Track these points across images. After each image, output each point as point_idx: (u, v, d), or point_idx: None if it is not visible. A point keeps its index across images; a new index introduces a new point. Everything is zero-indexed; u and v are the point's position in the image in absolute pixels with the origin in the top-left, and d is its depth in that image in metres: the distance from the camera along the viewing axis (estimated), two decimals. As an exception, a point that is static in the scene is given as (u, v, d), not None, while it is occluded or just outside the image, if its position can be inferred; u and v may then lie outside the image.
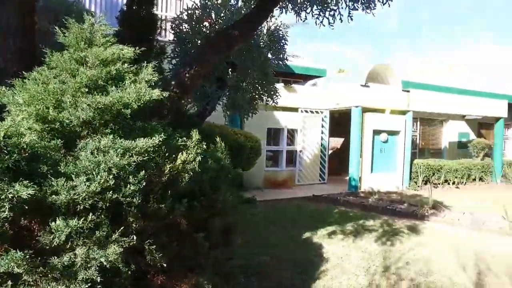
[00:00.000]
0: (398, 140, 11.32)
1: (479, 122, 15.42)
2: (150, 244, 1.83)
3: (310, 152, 11.57)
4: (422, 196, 10.15)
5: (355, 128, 10.41)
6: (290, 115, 11.22)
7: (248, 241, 5.28)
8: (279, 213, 7.50)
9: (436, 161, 12.25)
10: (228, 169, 2.79)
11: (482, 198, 10.35)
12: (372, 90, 10.64)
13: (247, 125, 10.54)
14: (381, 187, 10.81)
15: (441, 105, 12.18)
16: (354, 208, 8.21)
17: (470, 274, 4.44)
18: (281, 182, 11.02)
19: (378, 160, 10.93)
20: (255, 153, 8.87)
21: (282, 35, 5.55)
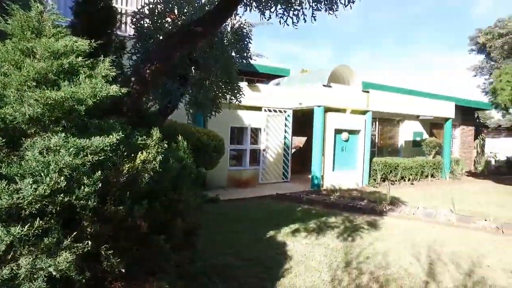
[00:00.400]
0: (359, 139, 11.72)
1: (431, 122, 16.37)
2: (107, 249, 1.72)
3: (273, 151, 11.67)
4: (381, 193, 10.60)
5: (318, 127, 10.64)
6: (253, 114, 11.24)
7: (211, 241, 5.21)
8: (243, 212, 7.48)
9: (393, 159, 12.84)
10: (190, 169, 2.72)
11: (433, 193, 11.01)
12: (334, 90, 10.93)
13: (211, 124, 10.41)
14: (342, 185, 11.14)
15: (398, 106, 12.78)
16: (316, 206, 8.38)
17: (423, 264, 4.68)
18: (245, 181, 11.01)
19: (340, 159, 11.25)
20: (218, 152, 8.78)
21: (246, 33, 5.51)
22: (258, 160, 11.56)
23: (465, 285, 4.14)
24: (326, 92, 10.72)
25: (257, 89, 11.30)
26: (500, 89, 12.27)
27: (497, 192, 11.90)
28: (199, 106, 5.87)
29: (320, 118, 10.63)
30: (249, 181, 11.13)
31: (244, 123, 11.04)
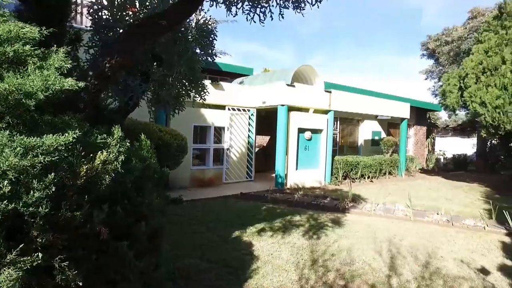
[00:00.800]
0: (321, 138, 11.95)
1: (388, 122, 17.13)
2: (61, 261, 1.54)
3: (237, 150, 11.58)
4: (343, 190, 10.89)
5: (281, 126, 10.70)
6: (217, 113, 11.08)
7: (176, 243, 5.02)
8: (207, 212, 7.32)
9: (354, 157, 13.25)
10: (154, 169, 2.56)
11: (391, 189, 11.51)
12: (297, 89, 11.05)
13: (173, 123, 10.11)
14: (305, 183, 11.31)
15: (358, 106, 13.21)
16: (281, 205, 8.41)
17: (385, 258, 4.83)
18: (208, 181, 10.83)
19: (303, 158, 11.41)
20: (181, 152, 8.54)
21: (211, 29, 5.37)
22: (221, 159, 11.42)
23: (423, 276, 4.32)
24: (290, 91, 10.82)
25: (220, 88, 11.15)
26: (449, 91, 13.09)
27: (446, 187, 12.69)
28: (162, 103, 5.64)
29: (283, 117, 10.70)
30: (213, 180, 10.97)
31: (207, 121, 10.85)
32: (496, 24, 12.26)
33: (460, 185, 13.41)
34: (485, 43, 12.09)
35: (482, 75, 11.58)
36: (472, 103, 11.57)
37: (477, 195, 11.04)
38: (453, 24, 33.05)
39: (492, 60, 11.34)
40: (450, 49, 27.48)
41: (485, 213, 8.37)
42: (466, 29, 26.53)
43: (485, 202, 9.88)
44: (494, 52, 11.50)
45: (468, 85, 12.00)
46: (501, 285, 4.23)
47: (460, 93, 12.53)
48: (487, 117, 11.06)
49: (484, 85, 11.40)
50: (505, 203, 9.68)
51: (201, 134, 11.34)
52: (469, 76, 12.01)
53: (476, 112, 11.40)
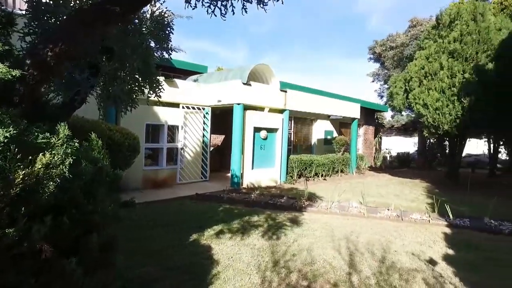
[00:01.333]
0: (277, 138, 12.01)
1: (340, 122, 17.75)
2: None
3: (192, 149, 11.24)
4: (298, 189, 11.03)
5: (237, 125, 10.56)
6: (171, 111, 10.65)
7: (130, 251, 4.66)
8: (162, 215, 6.96)
9: (308, 156, 13.50)
10: (106, 172, 2.27)
11: (344, 187, 11.89)
12: (253, 88, 10.98)
13: (124, 121, 9.54)
14: (261, 182, 11.29)
15: (312, 106, 13.48)
16: (238, 205, 8.27)
17: (344, 256, 4.90)
18: (162, 182, 10.37)
19: (259, 157, 11.37)
20: (133, 152, 8.07)
21: (168, 22, 5.06)
22: (175, 159, 11.00)
23: (381, 271, 4.43)
24: (246, 90, 10.71)
25: (174, 85, 10.72)
26: (396, 93, 13.86)
27: (393, 184, 13.42)
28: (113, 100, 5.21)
29: (239, 116, 10.57)
30: (167, 181, 10.53)
31: (160, 120, 10.38)
32: (435, 33, 13.20)
33: (405, 181, 14.26)
34: (426, 49, 12.96)
35: (424, 79, 12.39)
36: (416, 104, 12.33)
37: (420, 191, 11.79)
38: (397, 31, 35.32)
39: (432, 66, 12.17)
40: (394, 54, 29.28)
41: (428, 207, 8.94)
42: (407, 36, 28.40)
43: (427, 197, 10.58)
44: (434, 59, 12.36)
45: (413, 88, 12.78)
46: (447, 274, 4.47)
47: (405, 95, 13.30)
48: (429, 118, 11.85)
49: (426, 88, 12.21)
50: (444, 197, 10.44)
51: (154, 133, 10.83)
52: (413, 79, 12.79)
53: (420, 113, 12.17)
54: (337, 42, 75.54)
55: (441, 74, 11.80)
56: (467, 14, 12.23)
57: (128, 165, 8.45)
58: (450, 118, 11.39)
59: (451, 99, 11.47)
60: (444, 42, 12.26)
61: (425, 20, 30.51)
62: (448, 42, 12.11)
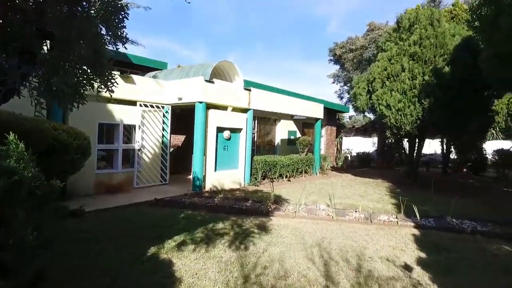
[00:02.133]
0: (240, 138, 11.54)
1: (303, 122, 17.66)
2: None
3: (150, 150, 10.45)
4: (263, 191, 10.64)
5: (199, 125, 9.95)
6: (127, 109, 9.81)
7: (77, 269, 3.96)
8: (116, 225, 6.22)
9: (272, 157, 13.18)
10: (29, 186, 1.67)
11: (309, 188, 11.69)
12: (216, 86, 10.43)
13: (72, 119, 8.60)
14: (225, 185, 10.76)
15: (276, 105, 13.17)
16: (201, 211, 7.70)
17: (319, 266, 4.55)
18: (117, 186, 9.50)
19: (222, 158, 10.83)
20: (82, 153, 7.25)
21: (122, 5, 4.41)
22: (132, 161, 10.15)
23: (359, 282, 4.13)
24: (209, 87, 10.13)
25: (131, 81, 9.89)
26: (359, 94, 13.96)
27: (357, 184, 13.49)
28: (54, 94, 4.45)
29: (201, 115, 9.97)
30: (122, 185, 9.66)
31: (115, 119, 9.50)
32: (395, 35, 13.46)
33: (368, 181, 14.42)
34: (388, 51, 13.16)
35: (387, 80, 12.55)
36: (379, 105, 12.45)
37: (383, 191, 11.90)
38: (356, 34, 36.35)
39: (394, 68, 12.36)
40: (354, 56, 30.01)
41: (394, 207, 8.95)
42: (366, 39, 29.23)
43: (391, 197, 10.66)
44: (396, 60, 12.57)
45: (376, 89, 12.91)
46: (425, 280, 4.28)
47: (369, 96, 13.42)
48: (391, 118, 12.00)
49: (388, 90, 12.37)
50: (406, 196, 10.54)
51: (108, 133, 9.92)
52: (376, 80, 12.92)
53: (383, 114, 12.30)
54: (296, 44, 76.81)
55: (402, 76, 12.00)
56: (424, 19, 12.56)
57: (77, 168, 7.61)
58: (411, 119, 11.59)
59: (412, 100, 11.69)
60: (405, 44, 12.50)
61: (382, 25, 31.70)
62: (409, 45, 12.36)
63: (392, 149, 21.41)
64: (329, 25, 64.56)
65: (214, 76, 11.00)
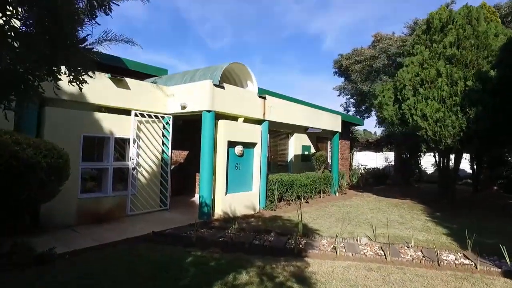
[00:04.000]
0: (254, 154, 9.79)
1: (317, 135, 15.96)
2: None
3: (147, 169, 8.67)
4: (283, 218, 8.85)
5: (207, 138, 8.21)
6: (119, 119, 8.09)
7: None
8: (96, 278, 4.39)
9: (289, 176, 11.42)
10: None
11: (334, 213, 9.89)
12: (227, 92, 8.74)
13: (50, 131, 6.87)
14: (237, 211, 8.96)
15: (293, 116, 11.49)
16: (213, 249, 5.88)
17: None
18: (106, 214, 7.70)
19: (233, 178, 9.06)
20: (58, 175, 5.52)
21: None
22: (125, 182, 8.37)
23: None
24: (219, 94, 8.44)
25: (124, 85, 8.21)
26: (385, 104, 12.33)
27: (385, 206, 11.68)
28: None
29: (209, 126, 8.25)
30: (113, 212, 7.86)
31: (104, 130, 7.78)
32: (425, 38, 11.94)
33: (396, 202, 12.62)
34: (418, 55, 11.60)
35: (420, 87, 10.93)
36: (413, 116, 10.79)
37: (422, 215, 10.11)
38: (361, 45, 35.15)
39: (428, 73, 10.76)
40: (362, 67, 28.61)
41: (451, 240, 7.18)
42: (375, 49, 27.90)
43: (436, 224, 8.88)
44: (429, 65, 10.99)
45: (406, 97, 11.28)
46: None
47: (398, 105, 11.78)
48: (429, 130, 10.31)
49: (423, 98, 10.73)
50: (454, 223, 8.83)
51: (96, 148, 8.18)
52: (406, 88, 11.30)
53: (417, 126, 10.62)
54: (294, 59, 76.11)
55: (439, 82, 10.38)
56: (461, 18, 11.07)
57: (51, 194, 5.83)
58: (453, 131, 9.90)
59: (453, 109, 10.03)
60: (439, 47, 10.95)
61: (388, 36, 30.53)
62: (444, 47, 10.81)
63: (410, 164, 19.67)
64: (326, 40, 64.16)
65: (224, 81, 9.34)
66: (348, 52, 33.55)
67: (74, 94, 7.27)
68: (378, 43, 30.34)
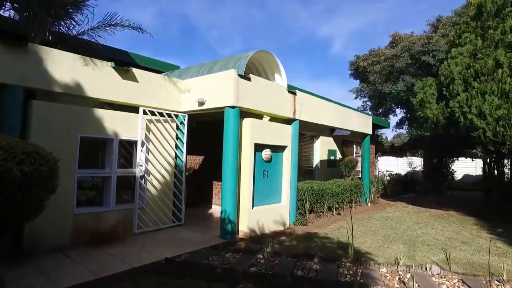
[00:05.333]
0: (284, 160, 8.32)
1: (343, 139, 14.44)
2: None
3: (158, 177, 7.26)
4: (319, 235, 7.37)
5: (230, 140, 6.77)
6: (125, 117, 6.72)
7: None
8: None
9: (317, 184, 9.91)
10: None
11: (378, 229, 8.34)
12: (254, 85, 7.30)
13: (38, 130, 5.52)
14: (265, 227, 7.48)
15: (325, 116, 10.00)
16: (245, 285, 4.42)
17: None
18: (109, 232, 6.30)
19: (261, 188, 7.59)
20: (40, 187, 4.09)
21: None
22: (132, 194, 6.96)
23: None
24: (244, 86, 7.01)
25: (131, 77, 6.85)
26: (427, 102, 10.78)
27: (431, 219, 10.07)
28: None
29: (233, 125, 6.81)
30: (117, 231, 6.44)
31: (107, 131, 6.41)
32: (475, 25, 10.37)
33: (439, 214, 11.00)
34: (468, 45, 10.04)
35: (474, 81, 9.36)
36: (465, 114, 9.21)
37: (480, 231, 8.49)
38: (379, 46, 33.60)
39: (485, 64, 9.19)
40: (382, 68, 27.02)
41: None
42: (397, 48, 26.31)
43: (507, 243, 7.27)
44: (485, 54, 9.42)
45: (455, 93, 9.71)
46: None
47: (444, 103, 10.22)
48: (487, 131, 8.72)
49: (477, 93, 9.16)
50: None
51: (96, 152, 6.83)
52: (455, 82, 9.74)
53: (472, 125, 9.04)
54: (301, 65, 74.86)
55: (499, 74, 8.81)
56: (519, 0, 9.50)
57: (30, 214, 4.45)
58: (520, 131, 8.30)
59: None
60: (496, 33, 9.38)
61: (407, 36, 28.96)
62: (502, 33, 9.24)
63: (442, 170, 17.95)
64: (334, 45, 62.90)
65: (248, 72, 7.91)
66: (365, 53, 32.09)
67: (70, 85, 5.91)
68: (397, 43, 28.80)
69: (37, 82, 5.52)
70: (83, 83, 6.07)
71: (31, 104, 5.49)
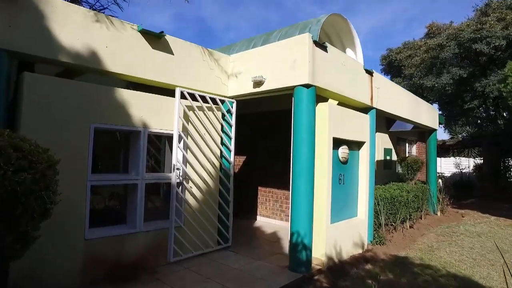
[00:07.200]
0: (360, 160, 6.30)
1: (398, 136, 12.30)
2: None
3: (200, 184, 5.34)
4: (412, 262, 5.39)
5: (305, 132, 4.77)
6: (155, 102, 4.83)
7: None
8: None
9: (389, 190, 7.84)
10: None
11: (479, 249, 6.24)
12: (331, 58, 5.30)
13: (31, 116, 3.66)
14: (343, 251, 5.48)
15: (399, 105, 7.91)
16: None
17: None
18: (134, 263, 4.44)
19: (337, 198, 5.57)
20: (25, 207, 2.20)
21: None
22: (165, 207, 5.08)
23: None
24: (320, 58, 5.01)
25: (165, 47, 4.98)
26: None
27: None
28: None
29: (308, 111, 4.80)
30: (145, 260, 4.57)
31: (132, 120, 4.54)
32: None
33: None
34: None
35: None
36: None
37: None
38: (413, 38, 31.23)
39: None
40: (422, 60, 24.60)
41: None
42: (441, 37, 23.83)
43: None
44: None
45: None
46: None
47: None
48: None
49: None
50: None
51: (116, 151, 4.99)
52: None
53: None
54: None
55: None
56: None
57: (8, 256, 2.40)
58: None
59: None
60: None
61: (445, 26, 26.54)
62: None
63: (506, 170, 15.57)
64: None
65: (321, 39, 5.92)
66: (399, 46, 29.81)
67: (81, 54, 4.06)
68: (434, 34, 26.36)
69: (31, 46, 3.68)
70: (99, 51, 4.22)
71: (22, 77, 3.65)
